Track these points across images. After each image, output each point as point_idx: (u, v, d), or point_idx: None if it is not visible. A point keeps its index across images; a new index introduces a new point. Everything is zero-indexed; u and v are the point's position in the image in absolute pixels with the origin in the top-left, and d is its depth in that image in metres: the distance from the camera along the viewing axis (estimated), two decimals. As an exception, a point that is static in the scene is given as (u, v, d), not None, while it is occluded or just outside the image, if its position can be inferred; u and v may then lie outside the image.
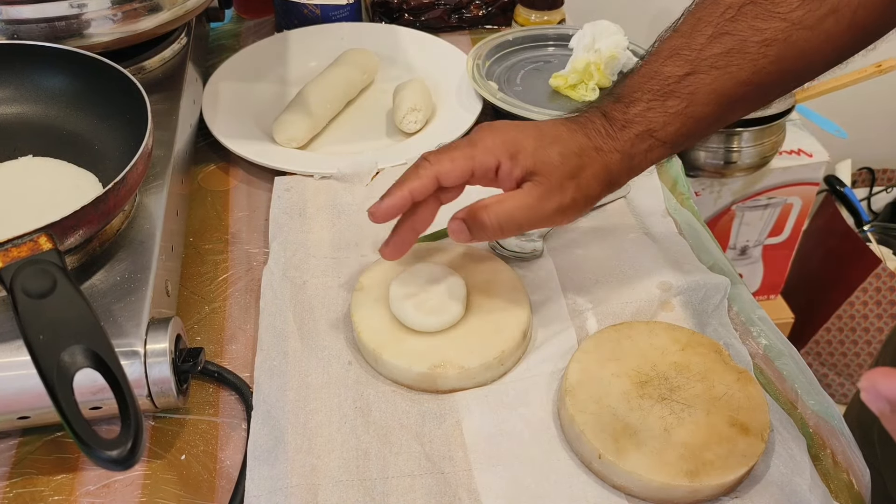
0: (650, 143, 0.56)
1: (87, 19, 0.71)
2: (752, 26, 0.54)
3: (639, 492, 0.52)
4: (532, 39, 0.96)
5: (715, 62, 0.54)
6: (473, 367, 0.58)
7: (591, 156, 0.56)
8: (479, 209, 0.56)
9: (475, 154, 0.56)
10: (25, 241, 0.49)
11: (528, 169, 0.55)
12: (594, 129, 0.57)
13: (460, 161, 0.56)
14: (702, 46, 0.55)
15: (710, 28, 0.55)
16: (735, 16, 0.54)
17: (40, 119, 0.68)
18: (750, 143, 1.23)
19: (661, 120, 0.56)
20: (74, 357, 0.45)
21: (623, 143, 0.56)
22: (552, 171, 0.55)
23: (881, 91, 1.54)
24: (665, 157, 0.58)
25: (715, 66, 0.54)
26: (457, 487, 0.52)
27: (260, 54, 0.95)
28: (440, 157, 0.56)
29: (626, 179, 0.59)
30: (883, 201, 1.86)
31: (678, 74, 0.55)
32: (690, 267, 0.68)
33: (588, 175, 0.56)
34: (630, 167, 0.58)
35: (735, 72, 0.54)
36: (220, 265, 0.71)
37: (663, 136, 0.56)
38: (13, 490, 0.54)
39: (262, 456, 0.54)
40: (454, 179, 0.56)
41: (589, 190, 0.57)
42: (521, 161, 0.55)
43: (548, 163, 0.55)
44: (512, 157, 0.55)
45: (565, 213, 0.57)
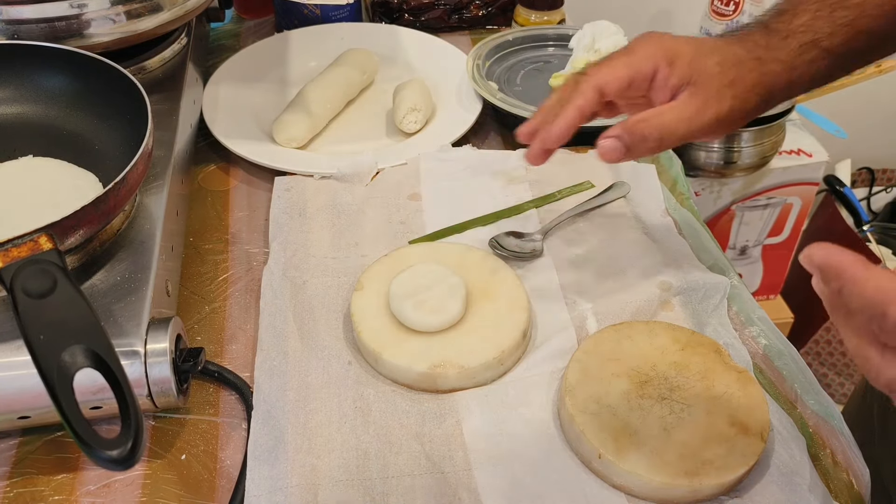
0: (815, 53, 0.55)
1: (88, 19, 0.71)
2: None
3: (639, 491, 0.52)
4: (532, 39, 0.96)
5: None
6: (473, 367, 0.58)
7: (749, 66, 0.55)
8: (638, 122, 0.54)
9: (633, 61, 0.55)
10: (25, 241, 0.49)
11: (685, 77, 0.55)
12: (753, 42, 0.56)
13: (620, 69, 0.55)
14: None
15: None
16: None
17: (40, 119, 0.68)
18: (750, 143, 1.23)
19: (828, 30, 0.55)
20: (75, 357, 0.45)
21: (786, 53, 0.55)
22: (710, 80, 0.54)
23: (881, 91, 1.54)
24: (829, 70, 0.57)
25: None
26: (457, 487, 0.53)
27: (260, 54, 0.95)
28: (599, 67, 0.56)
29: (785, 94, 0.57)
30: (882, 201, 1.86)
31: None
32: (690, 267, 0.68)
33: (747, 84, 0.55)
34: (790, 80, 0.56)
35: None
36: (220, 265, 0.71)
37: (829, 46, 0.55)
38: (13, 490, 0.54)
39: (262, 456, 0.54)
40: (615, 88, 0.55)
41: (747, 102, 0.56)
42: (678, 68, 0.54)
43: (705, 72, 0.54)
44: (670, 64, 0.54)
45: (723, 124, 0.56)
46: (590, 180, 0.77)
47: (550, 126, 0.55)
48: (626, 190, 0.76)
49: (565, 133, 0.55)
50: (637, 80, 0.55)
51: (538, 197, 0.76)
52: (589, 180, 0.77)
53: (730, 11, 1.34)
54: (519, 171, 0.78)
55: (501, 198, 0.76)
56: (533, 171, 0.78)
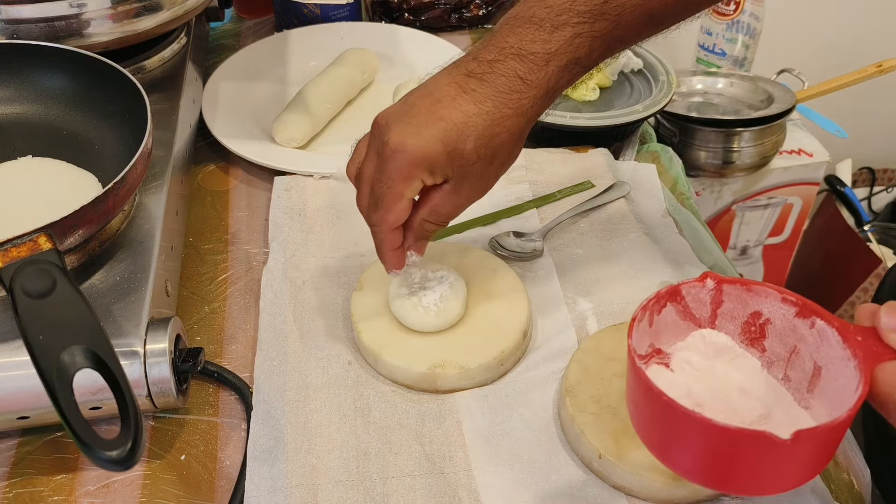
0: (574, 71, 0.53)
1: (87, 19, 0.71)
2: None
3: (639, 492, 0.51)
4: (532, 39, 0.96)
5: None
6: (473, 367, 0.58)
7: (507, 126, 0.52)
8: (422, 223, 0.56)
9: (401, 191, 0.53)
10: (25, 241, 0.49)
11: (447, 174, 0.53)
12: (508, 87, 0.51)
13: (397, 207, 0.54)
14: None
15: None
16: None
17: (40, 119, 0.68)
18: (750, 142, 1.23)
19: (588, 45, 0.51)
20: (74, 357, 0.45)
21: (545, 85, 0.52)
22: (470, 168, 0.52)
23: (881, 91, 1.54)
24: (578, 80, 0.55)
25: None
26: (457, 487, 0.52)
27: (260, 54, 0.95)
28: (381, 216, 0.55)
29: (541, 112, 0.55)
30: (883, 201, 1.86)
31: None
32: (691, 267, 0.68)
33: (506, 151, 0.53)
34: (550, 102, 0.54)
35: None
36: (220, 265, 0.71)
37: (587, 63, 0.53)
38: (13, 490, 0.54)
39: (262, 456, 0.54)
40: (404, 217, 0.55)
41: (510, 160, 0.55)
42: (438, 171, 0.52)
43: (463, 163, 0.52)
44: (430, 171, 0.52)
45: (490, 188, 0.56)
46: (590, 180, 0.77)
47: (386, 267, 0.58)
48: (626, 190, 0.76)
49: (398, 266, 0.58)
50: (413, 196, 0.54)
51: (538, 197, 0.76)
52: (589, 180, 0.77)
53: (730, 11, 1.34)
54: (519, 171, 0.78)
55: (501, 198, 0.76)
56: (533, 171, 0.78)
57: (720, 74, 1.30)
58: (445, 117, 0.51)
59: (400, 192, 0.53)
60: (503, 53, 0.52)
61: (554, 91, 0.53)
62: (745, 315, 0.47)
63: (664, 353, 0.48)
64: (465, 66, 0.53)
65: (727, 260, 0.71)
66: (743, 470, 0.40)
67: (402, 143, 0.51)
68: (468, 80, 0.52)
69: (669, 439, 0.43)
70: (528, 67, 0.51)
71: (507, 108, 0.51)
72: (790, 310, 0.45)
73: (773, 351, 0.47)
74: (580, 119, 0.81)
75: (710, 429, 0.39)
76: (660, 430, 0.43)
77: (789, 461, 0.40)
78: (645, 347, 0.47)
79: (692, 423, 0.40)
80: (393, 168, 0.52)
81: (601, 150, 0.81)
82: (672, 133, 1.21)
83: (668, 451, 0.43)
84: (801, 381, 0.46)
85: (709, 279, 0.47)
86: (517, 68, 0.51)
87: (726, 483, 0.42)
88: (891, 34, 1.61)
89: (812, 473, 0.41)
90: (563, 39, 0.51)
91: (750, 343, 0.48)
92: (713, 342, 0.48)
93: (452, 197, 0.54)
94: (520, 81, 0.51)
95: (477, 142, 0.51)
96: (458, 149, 0.51)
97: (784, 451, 0.38)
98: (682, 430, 0.41)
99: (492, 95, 0.51)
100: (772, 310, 0.46)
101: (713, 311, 0.48)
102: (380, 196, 0.54)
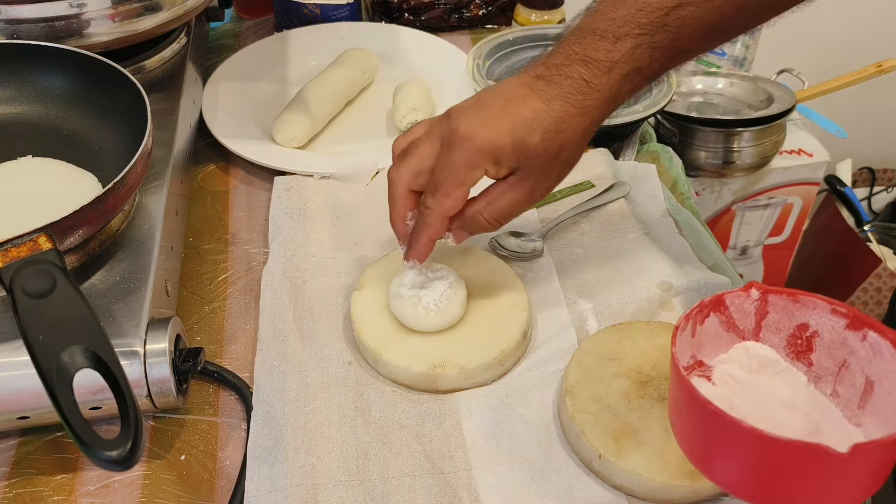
0: (636, 80, 0.55)
1: (87, 19, 0.71)
2: None
3: (639, 492, 0.51)
4: (532, 39, 0.96)
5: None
6: (473, 367, 0.58)
7: (572, 124, 0.54)
8: (475, 214, 0.56)
9: (463, 178, 0.55)
10: (25, 241, 0.49)
11: (511, 167, 0.55)
12: (574, 88, 0.54)
13: (456, 192, 0.55)
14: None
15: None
16: None
17: (40, 119, 0.68)
18: (750, 142, 1.22)
19: (649, 56, 0.54)
20: (74, 357, 0.45)
21: (609, 89, 0.54)
22: (535, 161, 0.54)
23: (881, 91, 1.54)
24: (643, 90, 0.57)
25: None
26: (457, 487, 0.52)
27: (260, 54, 0.95)
28: (438, 201, 0.55)
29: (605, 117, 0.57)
30: (883, 201, 1.86)
31: (668, 6, 0.53)
32: (691, 267, 0.68)
33: (571, 148, 0.55)
34: (613, 107, 0.56)
35: (723, 4, 0.53)
36: (220, 265, 0.71)
37: (648, 73, 0.55)
38: (13, 490, 0.54)
39: (262, 456, 0.54)
40: (460, 206, 0.56)
41: (574, 160, 0.56)
42: (504, 163, 0.54)
43: (529, 155, 0.54)
44: (496, 162, 0.54)
45: (553, 188, 0.57)
46: (590, 180, 0.77)
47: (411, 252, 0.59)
48: (626, 190, 0.76)
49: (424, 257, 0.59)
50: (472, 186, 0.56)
51: (538, 197, 0.75)
52: (589, 180, 0.77)
53: (730, 11, 1.34)
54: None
55: (501, 198, 0.75)
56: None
57: (720, 74, 1.30)
58: (515, 112, 0.54)
59: (462, 178, 0.54)
60: (569, 59, 0.54)
61: (617, 97, 0.55)
62: (791, 327, 0.46)
63: (706, 365, 0.46)
64: (535, 70, 0.55)
65: (727, 260, 0.71)
66: (792, 485, 0.38)
67: (472, 132, 0.54)
68: (537, 82, 0.54)
69: (714, 451, 0.41)
70: (592, 73, 0.54)
71: (572, 108, 0.54)
72: (840, 321, 0.44)
73: (821, 365, 0.45)
74: (580, 119, 0.81)
75: (761, 440, 0.37)
76: (704, 441, 0.42)
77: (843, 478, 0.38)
78: (687, 359, 0.45)
79: (740, 433, 0.38)
80: (459, 155, 0.54)
81: (601, 150, 0.81)
82: (672, 133, 1.21)
83: (713, 463, 0.42)
84: (852, 396, 0.44)
85: (753, 289, 0.46)
86: (582, 73, 0.54)
87: (773, 500, 0.40)
88: (891, 34, 1.61)
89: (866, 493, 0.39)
90: (624, 49, 0.53)
91: (796, 357, 0.46)
92: (757, 355, 0.46)
93: (513, 191, 0.55)
94: (584, 84, 0.54)
95: (543, 135, 0.53)
96: (524, 141, 0.53)
97: (839, 465, 0.36)
98: (728, 442, 0.39)
99: (559, 95, 0.54)
100: (820, 322, 0.45)
101: (757, 323, 0.46)
102: (440, 181, 0.55)
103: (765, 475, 0.39)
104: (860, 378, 0.44)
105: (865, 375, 0.43)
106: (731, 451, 0.40)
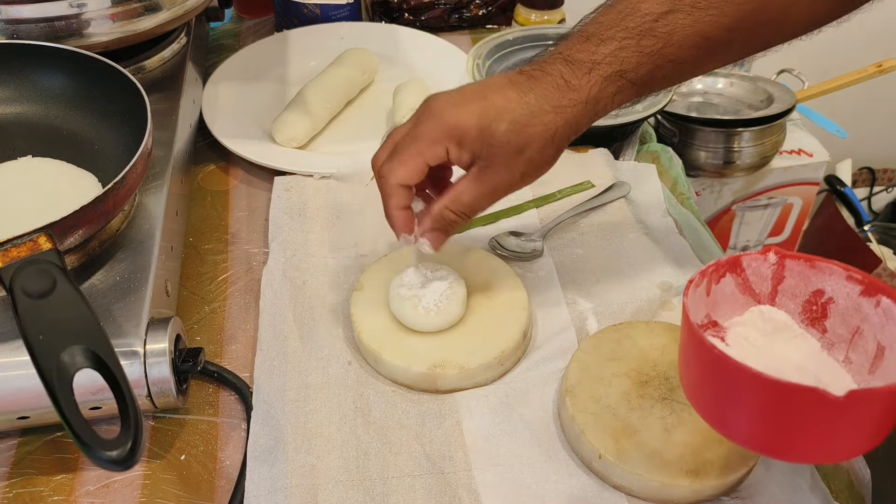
0: (619, 84, 0.54)
1: (87, 19, 0.71)
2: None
3: (639, 492, 0.51)
4: (532, 39, 0.96)
5: (696, 2, 0.52)
6: (473, 367, 0.58)
7: (544, 120, 0.53)
8: (442, 209, 0.56)
9: (422, 150, 0.54)
10: (25, 241, 0.49)
11: (475, 152, 0.54)
12: (552, 84, 0.53)
13: (412, 162, 0.55)
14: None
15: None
16: None
17: (40, 119, 0.68)
18: (750, 142, 1.22)
19: (634, 60, 0.53)
20: (74, 357, 0.45)
21: (588, 90, 0.53)
22: (497, 150, 0.53)
23: (881, 91, 1.54)
24: (633, 99, 0.56)
25: (696, 6, 0.52)
26: (457, 487, 0.52)
27: (260, 54, 0.95)
28: (392, 167, 0.55)
29: (587, 127, 0.56)
30: (883, 201, 1.86)
31: (657, 12, 0.52)
32: (691, 267, 0.68)
33: (537, 146, 0.54)
34: (595, 112, 0.55)
35: (716, 15, 0.52)
36: (220, 265, 0.71)
37: (634, 78, 0.54)
38: (13, 490, 0.54)
39: (262, 456, 0.54)
40: (415, 178, 0.55)
41: (540, 161, 0.55)
42: (466, 146, 0.53)
43: (493, 144, 0.53)
44: (459, 143, 0.53)
45: (517, 186, 0.56)
46: (590, 180, 0.77)
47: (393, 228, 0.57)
48: (626, 190, 0.76)
49: (404, 229, 0.57)
50: (432, 163, 0.55)
51: (538, 197, 0.76)
52: (589, 180, 0.77)
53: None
54: (519, 171, 0.78)
55: (501, 198, 0.76)
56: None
57: (720, 74, 1.30)
58: (488, 98, 0.54)
59: (421, 150, 0.54)
60: (552, 58, 0.55)
61: (597, 99, 0.54)
62: (806, 293, 0.46)
63: (720, 326, 0.46)
64: (521, 67, 0.56)
65: (727, 260, 0.71)
66: (795, 433, 0.38)
67: (442, 110, 0.54)
68: (518, 76, 0.55)
69: (721, 400, 0.41)
70: (572, 72, 0.53)
71: (546, 104, 0.53)
72: (855, 288, 0.44)
73: (835, 332, 0.45)
74: (580, 119, 0.81)
75: (762, 383, 0.37)
76: (712, 390, 0.42)
77: (842, 425, 0.38)
78: (701, 317, 0.45)
79: (743, 377, 0.38)
80: (424, 128, 0.54)
81: (601, 150, 0.81)
82: (672, 133, 1.21)
83: (720, 413, 0.42)
84: (863, 363, 0.44)
85: (771, 253, 0.46)
86: (563, 71, 0.54)
87: (779, 448, 0.41)
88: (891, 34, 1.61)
89: (869, 443, 0.39)
90: (607, 51, 0.53)
91: (810, 323, 0.46)
92: (772, 319, 0.46)
93: (475, 184, 0.55)
94: (563, 82, 0.53)
95: (510, 125, 0.53)
96: (490, 127, 0.53)
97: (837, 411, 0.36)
98: (733, 388, 0.39)
99: (535, 89, 0.54)
100: (835, 288, 0.45)
101: (774, 288, 0.46)
102: (399, 149, 0.55)
103: (766, 421, 0.39)
104: (872, 344, 0.44)
105: (877, 341, 0.43)
106: (736, 397, 0.40)
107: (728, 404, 0.41)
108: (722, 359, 0.39)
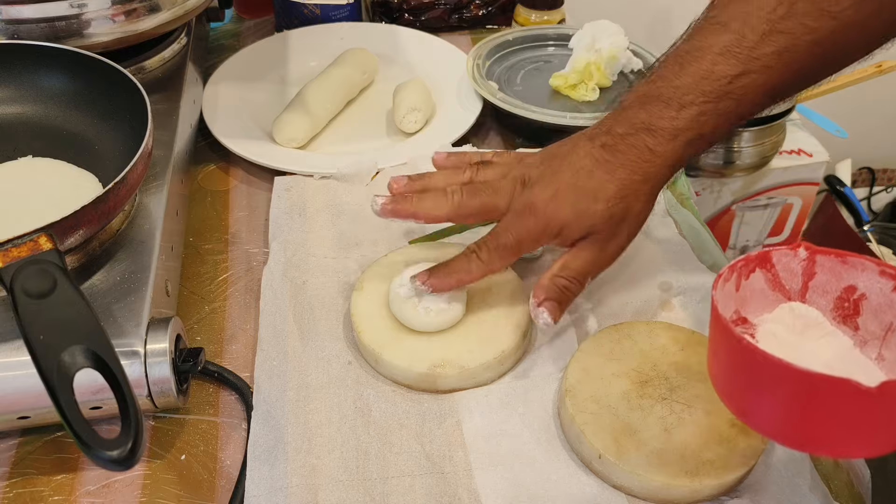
0: (699, 145, 0.56)
1: (87, 19, 0.71)
2: (803, 24, 0.52)
3: (639, 492, 0.52)
4: (532, 39, 0.96)
5: (768, 62, 0.53)
6: (473, 367, 0.58)
7: (635, 190, 0.56)
8: (553, 279, 0.58)
9: (522, 248, 0.58)
10: (25, 241, 0.49)
11: (579, 234, 0.57)
12: (638, 157, 0.56)
13: (510, 258, 0.59)
14: (754, 45, 0.53)
15: (763, 24, 0.53)
16: (787, 13, 0.53)
17: (40, 119, 0.68)
18: (750, 143, 1.23)
19: (713, 123, 0.55)
20: (74, 357, 0.45)
21: (672, 156, 0.56)
22: (601, 228, 0.57)
23: (881, 91, 1.54)
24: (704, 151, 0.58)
25: (768, 65, 0.53)
26: (457, 487, 0.52)
27: (260, 54, 0.95)
28: (492, 258, 0.58)
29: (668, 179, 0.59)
30: (883, 201, 1.86)
31: (731, 74, 0.54)
32: (690, 267, 0.68)
33: (636, 210, 0.57)
34: (675, 170, 0.58)
35: (784, 71, 0.54)
36: (220, 265, 0.71)
37: (711, 139, 0.56)
38: (13, 490, 0.54)
39: (262, 456, 0.54)
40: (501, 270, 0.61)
41: (640, 220, 0.59)
42: (567, 236, 0.57)
43: (594, 224, 0.57)
44: (558, 236, 0.57)
45: (625, 246, 0.60)
46: (590, 180, 0.77)
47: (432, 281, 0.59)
48: (626, 190, 0.76)
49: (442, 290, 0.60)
50: None
51: (538, 197, 0.75)
52: (589, 180, 0.77)
53: (730, 11, 1.34)
54: (519, 171, 0.78)
55: (501, 198, 0.76)
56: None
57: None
58: (580, 186, 0.57)
59: (522, 248, 0.58)
60: (634, 127, 0.56)
61: (680, 161, 0.56)
62: (838, 289, 0.45)
63: (749, 322, 0.45)
64: (601, 139, 0.58)
65: (727, 260, 0.70)
66: (825, 425, 0.37)
67: (541, 208, 0.57)
68: (602, 153, 0.57)
69: (749, 391, 0.40)
70: (657, 140, 0.55)
71: (636, 175, 0.56)
72: (888, 283, 0.43)
73: (868, 329, 0.44)
74: (580, 119, 0.81)
75: (791, 374, 0.36)
76: (739, 381, 0.41)
77: (873, 417, 0.37)
78: (730, 313, 0.45)
79: (772, 368, 0.37)
80: (523, 226, 0.58)
81: (601, 150, 0.81)
82: (672, 133, 1.21)
83: (747, 404, 0.41)
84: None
85: (802, 248, 0.45)
86: (647, 141, 0.56)
87: (807, 440, 0.40)
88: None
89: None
90: (689, 117, 0.55)
91: (842, 320, 0.45)
92: (802, 316, 0.45)
93: (584, 253, 0.58)
94: (649, 152, 0.56)
95: (607, 203, 0.56)
96: (588, 211, 0.56)
97: (869, 402, 0.35)
98: (761, 379, 0.38)
99: (623, 164, 0.56)
100: (868, 284, 0.44)
101: (804, 284, 0.46)
102: (500, 243, 0.58)
103: (796, 414, 0.38)
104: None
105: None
106: (764, 388, 0.39)
107: (755, 396, 0.40)
108: (750, 350, 0.38)
